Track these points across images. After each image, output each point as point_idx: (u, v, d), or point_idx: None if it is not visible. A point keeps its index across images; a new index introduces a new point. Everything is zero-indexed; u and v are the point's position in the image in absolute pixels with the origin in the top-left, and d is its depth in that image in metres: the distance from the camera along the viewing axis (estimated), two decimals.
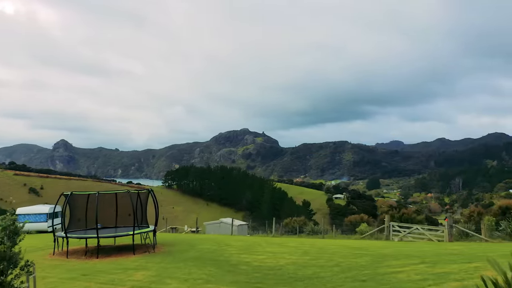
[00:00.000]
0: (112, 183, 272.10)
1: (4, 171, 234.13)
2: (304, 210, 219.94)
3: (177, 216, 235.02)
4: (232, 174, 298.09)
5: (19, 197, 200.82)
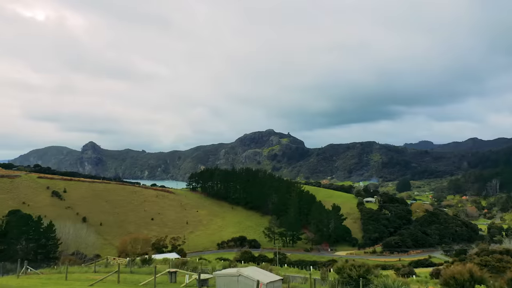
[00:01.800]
0: (136, 185, 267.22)
1: (28, 174, 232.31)
2: (334, 215, 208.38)
3: (201, 220, 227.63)
4: (258, 176, 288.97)
5: (41, 201, 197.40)
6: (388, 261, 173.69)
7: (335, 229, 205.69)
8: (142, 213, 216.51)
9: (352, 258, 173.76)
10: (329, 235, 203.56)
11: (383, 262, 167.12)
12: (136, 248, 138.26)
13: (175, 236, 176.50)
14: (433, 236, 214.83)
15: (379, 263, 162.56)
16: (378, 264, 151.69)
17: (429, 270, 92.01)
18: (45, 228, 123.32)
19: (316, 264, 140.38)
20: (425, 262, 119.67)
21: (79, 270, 53.57)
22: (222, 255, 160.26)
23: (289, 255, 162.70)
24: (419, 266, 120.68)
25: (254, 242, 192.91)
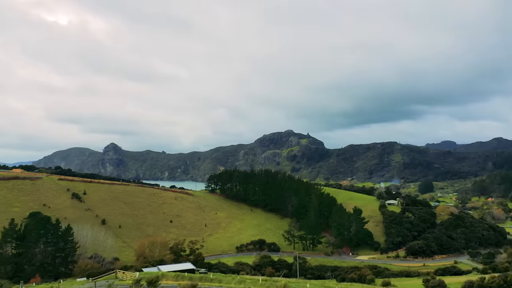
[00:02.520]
0: (155, 187, 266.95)
1: (49, 176, 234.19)
2: (355, 218, 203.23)
3: (219, 222, 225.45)
4: (277, 178, 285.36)
5: (61, 203, 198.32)
6: (412, 266, 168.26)
7: (357, 232, 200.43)
8: (160, 215, 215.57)
9: (374, 263, 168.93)
10: (350, 239, 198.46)
11: (406, 268, 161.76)
12: (153, 252, 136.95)
13: (193, 239, 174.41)
14: (458, 241, 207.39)
15: (402, 268, 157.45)
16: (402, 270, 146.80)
17: (460, 280, 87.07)
18: (63, 232, 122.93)
19: (337, 269, 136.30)
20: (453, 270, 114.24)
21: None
22: (241, 259, 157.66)
23: (309, 260, 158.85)
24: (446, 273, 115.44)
25: (273, 246, 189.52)
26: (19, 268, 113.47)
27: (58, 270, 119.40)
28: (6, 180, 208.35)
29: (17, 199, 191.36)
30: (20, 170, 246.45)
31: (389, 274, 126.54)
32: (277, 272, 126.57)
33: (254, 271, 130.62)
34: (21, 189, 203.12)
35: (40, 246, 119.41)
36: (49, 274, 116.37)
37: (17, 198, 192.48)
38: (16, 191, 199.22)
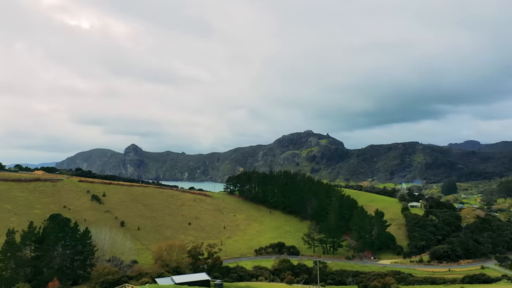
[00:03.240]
0: (174, 189, 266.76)
1: (70, 178, 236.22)
2: (377, 221, 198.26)
3: (238, 225, 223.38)
4: (296, 179, 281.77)
5: (81, 205, 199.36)
6: (436, 271, 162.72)
7: (379, 236, 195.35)
8: (179, 217, 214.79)
9: (397, 267, 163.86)
10: (372, 243, 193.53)
11: (431, 273, 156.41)
12: (171, 255, 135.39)
13: (211, 242, 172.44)
14: (485, 245, 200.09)
15: (427, 274, 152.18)
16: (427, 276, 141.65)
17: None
18: (81, 234, 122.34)
19: (358, 275, 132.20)
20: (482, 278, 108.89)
21: None
22: (260, 263, 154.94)
23: (329, 264, 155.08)
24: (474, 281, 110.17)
25: (293, 249, 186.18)
26: (38, 271, 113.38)
27: (77, 273, 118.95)
28: (28, 182, 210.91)
29: (38, 201, 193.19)
30: (41, 172, 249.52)
31: (413, 281, 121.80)
32: (297, 278, 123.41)
33: (273, 276, 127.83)
34: (42, 191, 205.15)
35: (59, 249, 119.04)
36: (68, 277, 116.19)
37: (38, 200, 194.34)
38: (37, 193, 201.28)
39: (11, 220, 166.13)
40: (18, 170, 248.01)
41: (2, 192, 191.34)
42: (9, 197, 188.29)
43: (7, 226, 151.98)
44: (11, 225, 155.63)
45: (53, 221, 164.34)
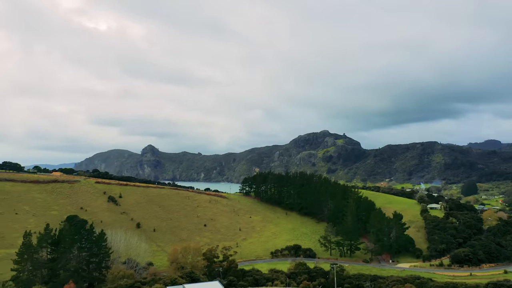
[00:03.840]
0: (190, 190, 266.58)
1: (87, 179, 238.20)
2: (395, 224, 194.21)
3: (254, 226, 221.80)
4: (313, 181, 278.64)
5: (98, 206, 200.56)
6: (457, 275, 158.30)
7: (397, 238, 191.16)
8: (195, 219, 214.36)
9: (416, 271, 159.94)
10: (390, 245, 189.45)
11: (452, 277, 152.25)
12: (186, 258, 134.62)
13: (227, 244, 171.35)
14: (508, 248, 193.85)
15: (448, 279, 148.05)
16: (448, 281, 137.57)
17: None
18: (97, 237, 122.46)
19: (376, 279, 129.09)
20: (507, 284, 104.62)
21: None
22: (276, 266, 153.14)
23: (346, 267, 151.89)
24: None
25: (309, 251, 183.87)
26: (54, 273, 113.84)
27: (92, 276, 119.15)
28: (46, 183, 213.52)
29: (55, 202, 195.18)
30: (59, 173, 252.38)
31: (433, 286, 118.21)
32: (313, 282, 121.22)
33: (289, 280, 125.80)
34: (60, 192, 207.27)
35: (74, 251, 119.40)
36: (84, 279, 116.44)
37: (56, 201, 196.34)
38: (55, 194, 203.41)
39: (29, 221, 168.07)
40: (37, 172, 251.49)
41: (21, 194, 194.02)
42: (27, 198, 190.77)
43: (25, 227, 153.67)
44: (29, 226, 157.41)
45: (70, 222, 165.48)
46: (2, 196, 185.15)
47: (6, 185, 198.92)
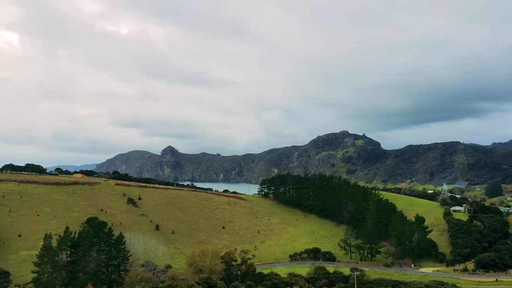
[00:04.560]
0: (208, 192, 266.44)
1: (107, 181, 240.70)
2: (417, 227, 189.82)
3: (272, 229, 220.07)
4: (332, 182, 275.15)
5: (117, 208, 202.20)
6: (483, 281, 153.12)
7: (419, 242, 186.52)
8: (213, 221, 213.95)
9: (440, 276, 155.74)
10: (412, 249, 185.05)
11: (477, 283, 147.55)
12: (204, 261, 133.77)
13: (245, 247, 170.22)
14: None
15: (472, 284, 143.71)
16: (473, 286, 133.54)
17: None
18: (115, 240, 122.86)
19: (398, 285, 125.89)
20: None
21: None
22: (294, 269, 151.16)
23: (367, 271, 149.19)
24: None
25: (328, 255, 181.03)
26: (74, 276, 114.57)
27: (111, 279, 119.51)
28: (67, 185, 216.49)
29: (76, 204, 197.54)
30: (80, 175, 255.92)
31: None
32: (333, 287, 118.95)
33: (308, 284, 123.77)
34: (81, 194, 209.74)
35: (93, 254, 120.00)
36: (102, 282, 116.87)
37: (77, 203, 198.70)
38: (76, 196, 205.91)
39: (50, 223, 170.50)
40: (58, 174, 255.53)
41: (43, 195, 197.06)
42: (49, 200, 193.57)
43: (46, 229, 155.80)
44: (50, 228, 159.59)
45: (90, 224, 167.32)
46: (24, 198, 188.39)
47: (28, 187, 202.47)
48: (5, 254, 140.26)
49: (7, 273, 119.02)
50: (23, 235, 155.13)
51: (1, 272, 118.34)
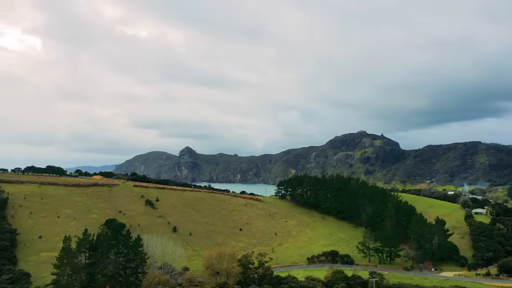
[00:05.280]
0: (225, 193, 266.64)
1: (125, 183, 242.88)
2: (438, 230, 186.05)
3: (290, 231, 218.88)
4: (350, 184, 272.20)
5: (135, 210, 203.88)
6: (506, 286, 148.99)
7: (440, 245, 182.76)
8: (230, 223, 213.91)
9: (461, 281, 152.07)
10: (432, 253, 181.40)
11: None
12: (221, 264, 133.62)
13: (262, 249, 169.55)
14: None
15: None
16: None
17: None
18: (133, 242, 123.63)
19: None
20: None
21: None
22: (312, 272, 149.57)
23: (386, 275, 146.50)
24: None
25: (346, 258, 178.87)
26: (92, 278, 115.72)
27: (129, 281, 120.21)
28: (87, 187, 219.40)
29: (95, 205, 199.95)
30: (99, 176, 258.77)
31: None
32: None
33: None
34: (100, 195, 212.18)
35: (112, 256, 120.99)
36: (120, 285, 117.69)
37: (96, 204, 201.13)
38: (95, 198, 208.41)
39: (70, 224, 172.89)
40: (78, 175, 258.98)
41: (63, 197, 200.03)
42: (69, 202, 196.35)
43: (66, 230, 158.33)
44: (70, 229, 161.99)
45: (108, 226, 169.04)
46: (45, 199, 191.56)
47: (49, 188, 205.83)
48: (26, 255, 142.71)
49: (28, 275, 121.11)
50: (43, 237, 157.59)
51: (22, 274, 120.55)
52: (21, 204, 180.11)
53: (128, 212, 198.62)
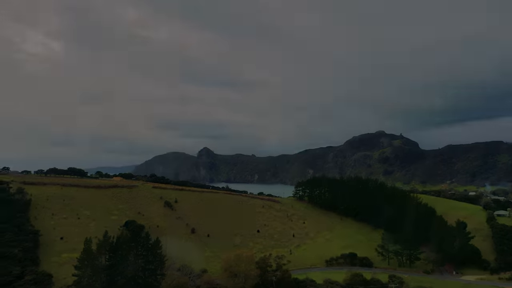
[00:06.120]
0: (243, 195, 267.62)
1: (144, 184, 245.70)
2: (458, 232, 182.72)
3: (307, 233, 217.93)
4: (368, 185, 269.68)
5: (154, 211, 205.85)
6: None
7: (461, 248, 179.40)
8: (248, 224, 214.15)
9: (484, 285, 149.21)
10: (453, 256, 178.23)
11: None
12: (239, 266, 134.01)
13: (280, 251, 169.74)
14: None
15: None
16: None
17: None
18: (152, 244, 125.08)
19: None
20: None
21: None
22: (330, 275, 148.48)
23: (406, 278, 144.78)
24: None
25: (365, 260, 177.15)
26: (112, 280, 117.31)
27: (148, 283, 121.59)
28: (107, 188, 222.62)
29: (115, 207, 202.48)
30: (119, 178, 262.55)
31: None
32: None
33: None
34: (119, 197, 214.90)
35: (131, 258, 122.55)
36: (140, 286, 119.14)
37: (116, 206, 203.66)
38: (115, 199, 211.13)
39: (90, 226, 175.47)
40: (99, 177, 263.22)
41: (84, 199, 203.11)
42: (89, 203, 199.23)
43: (86, 231, 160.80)
44: (90, 230, 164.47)
45: (128, 227, 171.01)
46: (67, 201, 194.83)
47: (70, 190, 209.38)
48: (48, 256, 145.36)
49: (50, 276, 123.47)
50: (64, 238, 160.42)
51: (44, 275, 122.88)
52: (44, 205, 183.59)
53: (147, 214, 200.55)
